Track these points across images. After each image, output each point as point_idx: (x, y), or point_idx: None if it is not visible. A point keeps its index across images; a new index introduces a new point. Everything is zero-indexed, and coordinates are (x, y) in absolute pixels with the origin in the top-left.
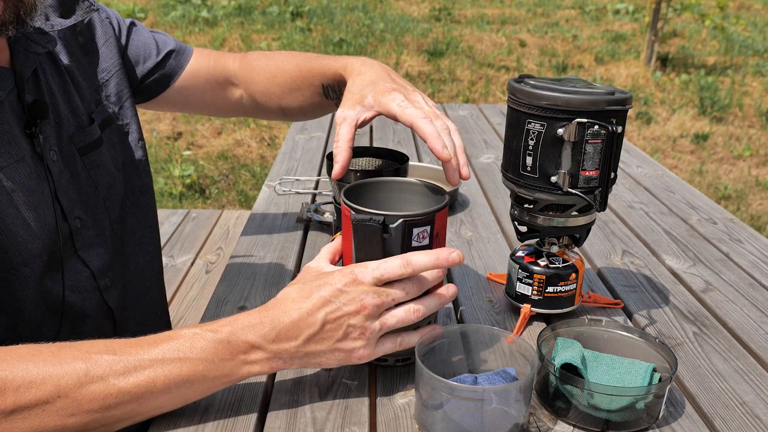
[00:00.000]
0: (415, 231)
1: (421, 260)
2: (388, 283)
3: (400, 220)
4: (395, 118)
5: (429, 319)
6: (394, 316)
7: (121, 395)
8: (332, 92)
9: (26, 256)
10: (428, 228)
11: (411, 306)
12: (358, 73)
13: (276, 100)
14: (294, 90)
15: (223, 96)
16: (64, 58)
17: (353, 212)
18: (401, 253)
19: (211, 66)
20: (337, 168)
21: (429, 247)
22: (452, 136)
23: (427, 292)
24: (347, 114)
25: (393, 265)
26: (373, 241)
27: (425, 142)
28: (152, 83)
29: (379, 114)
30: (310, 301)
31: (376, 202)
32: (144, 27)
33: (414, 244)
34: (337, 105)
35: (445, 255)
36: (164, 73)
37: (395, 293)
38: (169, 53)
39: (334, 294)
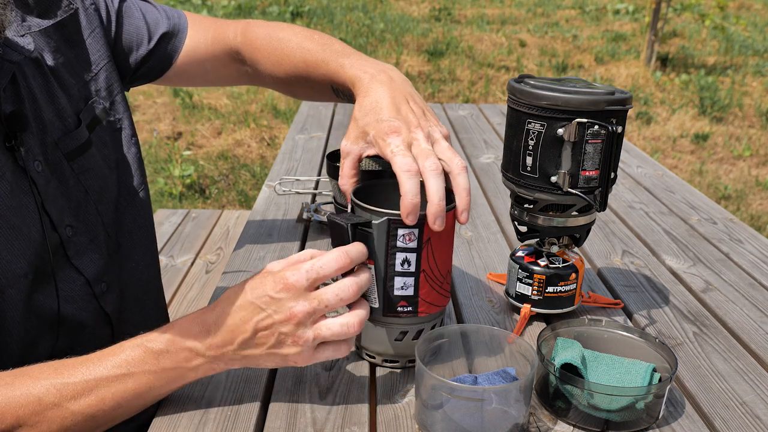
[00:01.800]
0: (401, 231)
1: (358, 250)
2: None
3: (384, 218)
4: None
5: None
6: (329, 329)
7: (75, 417)
8: (343, 95)
9: (11, 277)
10: (416, 231)
11: (347, 319)
12: (365, 93)
13: (283, 83)
14: (301, 80)
15: (226, 72)
16: (48, 57)
17: (330, 213)
18: (385, 254)
19: (209, 43)
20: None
21: (418, 250)
22: (458, 178)
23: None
24: (350, 149)
25: (329, 260)
26: (344, 239)
27: (401, 197)
28: (147, 71)
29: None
30: (243, 308)
31: (385, 203)
32: (135, 4)
33: (399, 244)
34: (348, 102)
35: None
36: (159, 59)
37: (328, 299)
38: (162, 37)
39: (266, 302)
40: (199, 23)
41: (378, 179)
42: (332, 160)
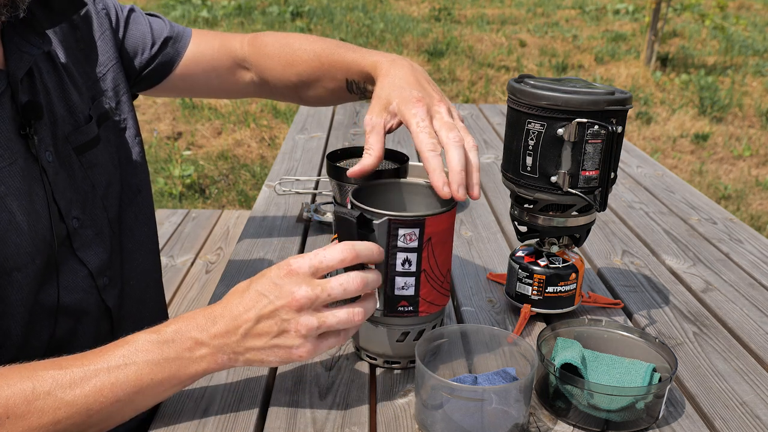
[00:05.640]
0: (401, 231)
1: (366, 247)
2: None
3: (385, 218)
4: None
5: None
6: (335, 316)
7: (68, 407)
8: (356, 88)
9: (19, 261)
10: (417, 231)
11: (354, 308)
12: (386, 74)
13: (293, 88)
14: (314, 80)
15: (231, 81)
16: (62, 55)
17: (336, 206)
18: (386, 254)
19: (215, 50)
20: (356, 168)
21: (419, 250)
22: (469, 154)
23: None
24: (375, 122)
25: (333, 250)
26: (350, 234)
27: (428, 174)
28: (151, 73)
29: (401, 123)
30: (248, 296)
31: (385, 204)
32: (142, 13)
33: (400, 244)
34: (359, 98)
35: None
36: (162, 62)
37: (332, 287)
38: (166, 41)
39: (268, 288)
40: (204, 34)
41: (378, 179)
42: (332, 159)
